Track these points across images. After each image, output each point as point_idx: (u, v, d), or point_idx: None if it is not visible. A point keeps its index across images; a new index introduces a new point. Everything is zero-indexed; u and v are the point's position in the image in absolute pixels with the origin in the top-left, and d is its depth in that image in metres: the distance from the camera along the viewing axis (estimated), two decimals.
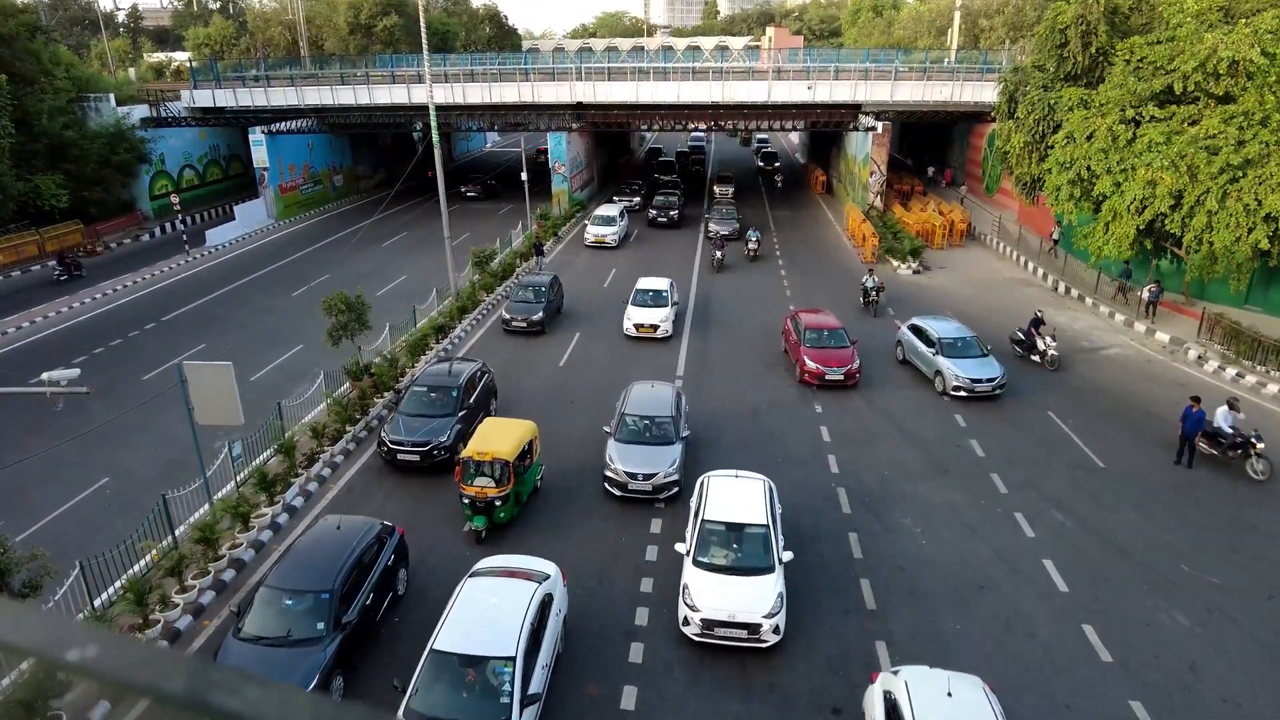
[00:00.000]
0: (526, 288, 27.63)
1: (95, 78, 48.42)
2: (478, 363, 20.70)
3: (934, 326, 22.97)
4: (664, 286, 27.47)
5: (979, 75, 41.37)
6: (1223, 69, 22.76)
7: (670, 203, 44.21)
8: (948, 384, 21.32)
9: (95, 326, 28.02)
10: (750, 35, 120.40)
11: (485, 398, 20.02)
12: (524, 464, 15.47)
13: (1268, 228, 21.65)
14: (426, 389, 18.96)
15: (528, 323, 26.41)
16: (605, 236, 38.98)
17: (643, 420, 17.35)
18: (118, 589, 12.80)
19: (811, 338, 22.61)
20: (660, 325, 26.00)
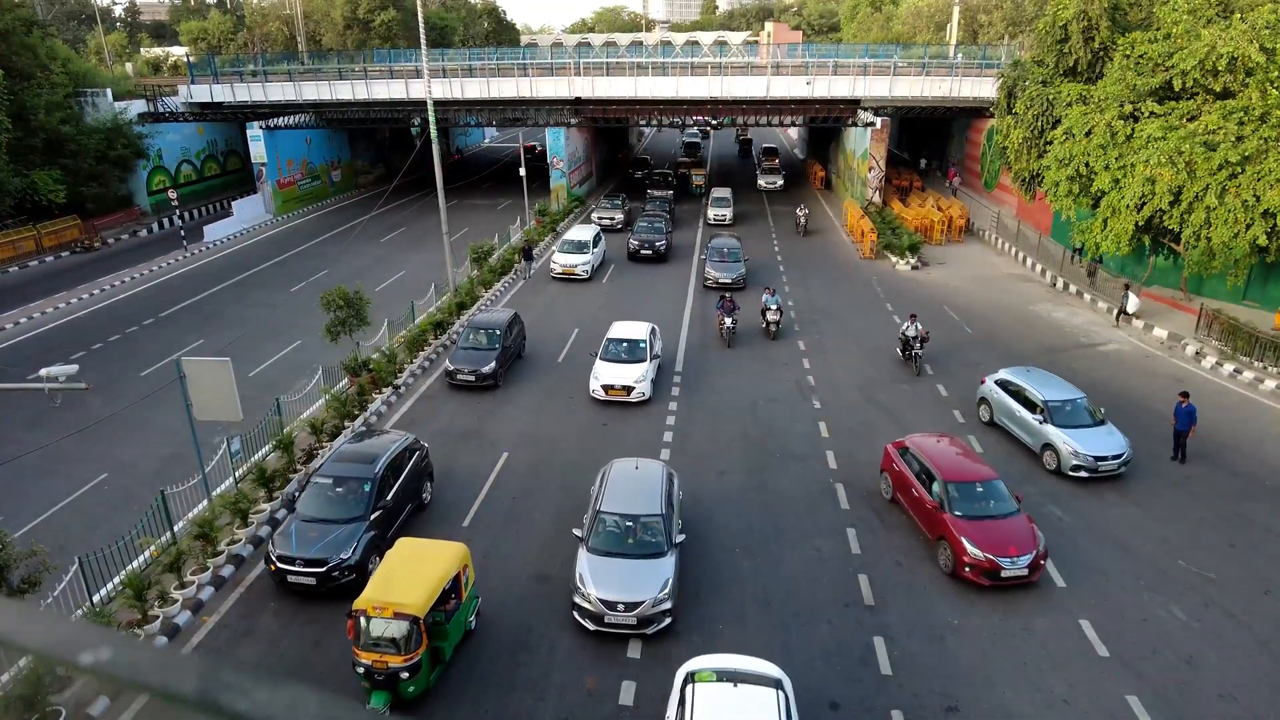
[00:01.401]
0: (478, 330, 22.60)
1: (92, 72, 48.27)
2: (406, 437, 16.05)
3: (1034, 385, 18.52)
4: (642, 335, 22.04)
5: (978, 70, 41.32)
6: (1222, 65, 22.76)
7: (656, 230, 36.24)
8: (1064, 461, 17.04)
9: (93, 322, 27.99)
10: (749, 30, 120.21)
11: (415, 484, 15.72)
12: (446, 609, 11.47)
13: (1266, 223, 21.68)
14: (331, 481, 14.49)
15: (477, 376, 21.49)
16: (575, 267, 32.29)
17: (625, 522, 13.36)
18: (117, 585, 12.82)
19: (961, 501, 14.31)
20: (635, 386, 20.59)
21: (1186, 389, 18.60)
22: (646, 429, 19.77)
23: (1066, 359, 24.20)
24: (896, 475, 15.99)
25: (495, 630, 12.75)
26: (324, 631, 12.68)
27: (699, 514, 15.82)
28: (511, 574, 14.20)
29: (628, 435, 19.39)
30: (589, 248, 33.18)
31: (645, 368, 21.21)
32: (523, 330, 24.37)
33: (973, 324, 27.25)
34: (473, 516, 16.04)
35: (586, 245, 33.24)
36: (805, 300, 30.00)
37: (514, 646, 12.43)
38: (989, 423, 19.60)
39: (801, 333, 26.56)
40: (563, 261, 32.64)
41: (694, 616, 13.02)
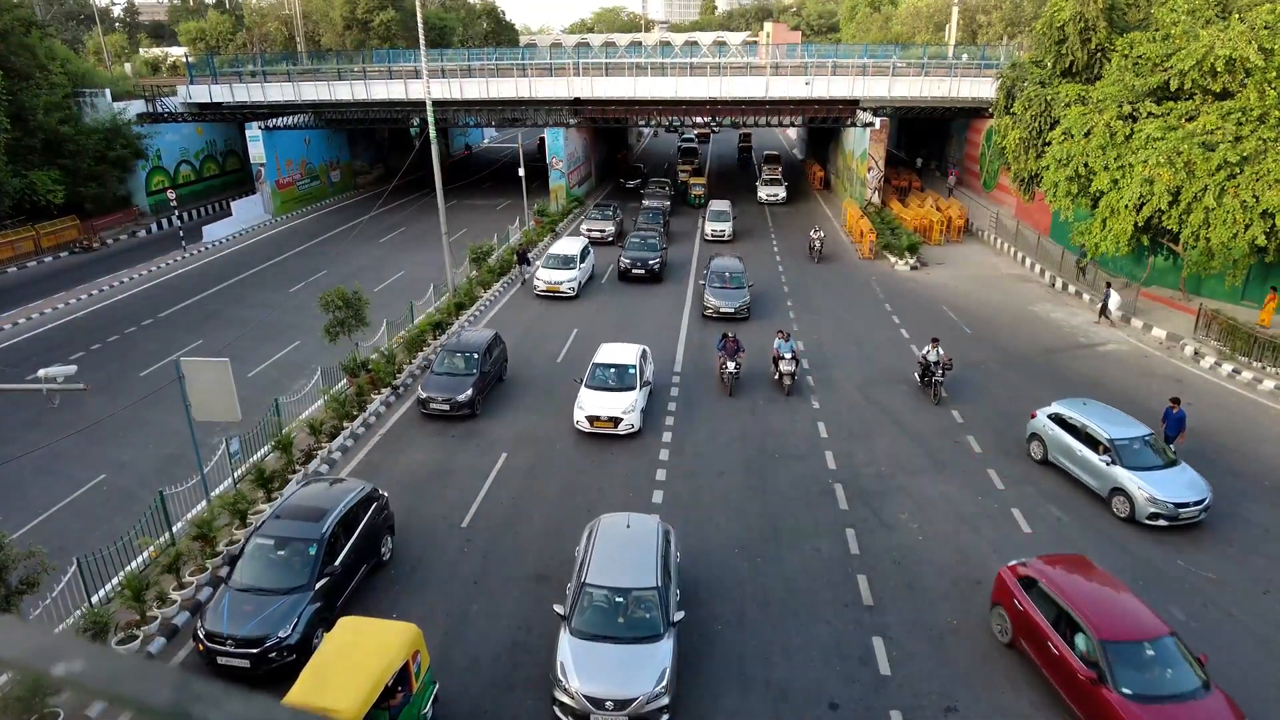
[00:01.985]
0: (455, 353, 20.69)
1: (91, 73, 48.26)
2: (361, 487, 14.07)
3: (1095, 421, 16.59)
4: (631, 360, 20.02)
5: (977, 71, 41.35)
6: (1220, 66, 22.76)
7: (650, 245, 33.05)
8: (1139, 509, 15.23)
9: (92, 322, 27.98)
10: (748, 31, 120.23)
11: (371, 541, 13.73)
12: (391, 705, 9.79)
13: (1264, 224, 21.69)
14: (271, 543, 12.51)
15: (452, 405, 19.53)
16: (560, 284, 29.75)
17: (614, 597, 11.50)
18: (115, 585, 12.81)
19: (1128, 671, 10.26)
20: (624, 418, 18.75)
21: (1178, 395, 18.43)
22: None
23: (1066, 359, 24.21)
24: (1019, 617, 11.89)
25: None
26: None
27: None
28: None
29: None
30: (575, 263, 30.49)
31: (634, 396, 19.24)
32: (504, 352, 22.46)
33: (972, 324, 27.25)
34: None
35: (573, 260, 30.52)
36: (804, 307, 29.98)
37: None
38: (1042, 461, 17.58)
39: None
40: (547, 278, 29.94)
41: (694, 616, 13.01)
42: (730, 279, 28.07)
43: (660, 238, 34.47)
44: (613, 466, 18.01)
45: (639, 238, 33.87)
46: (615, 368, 19.90)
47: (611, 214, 40.38)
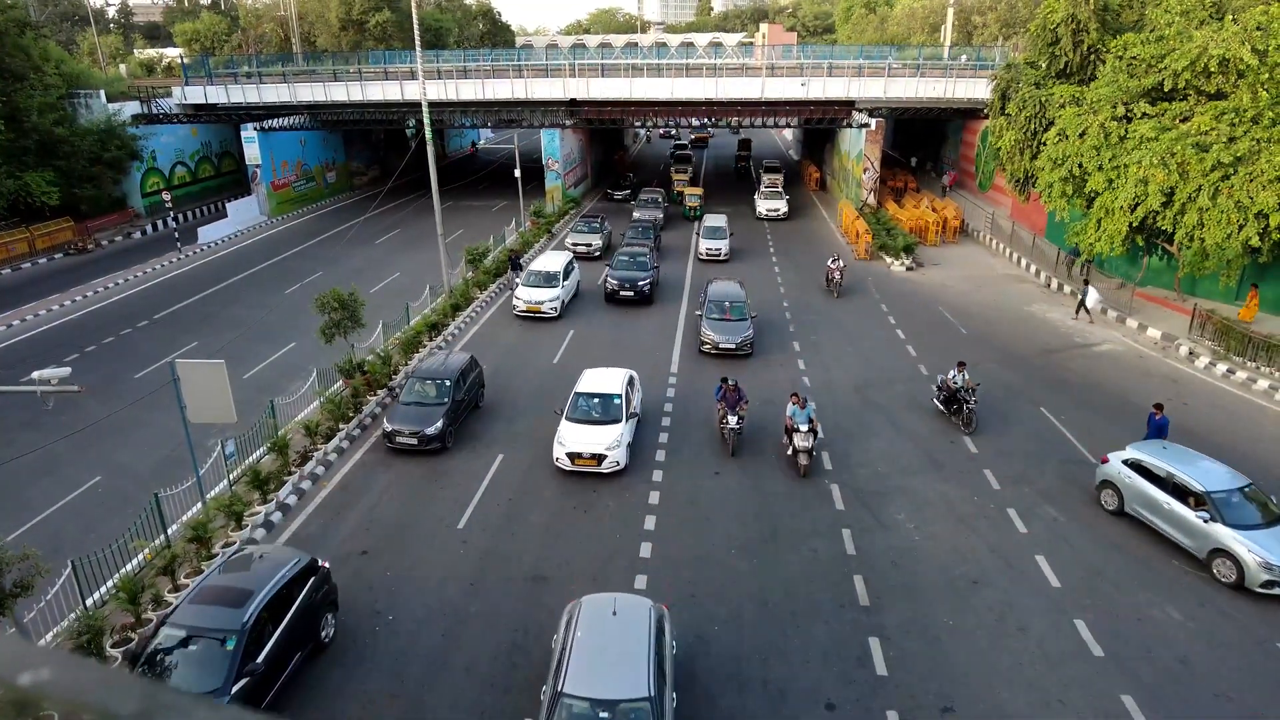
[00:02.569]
0: (425, 380, 18.93)
1: (85, 74, 48.12)
2: (296, 559, 11.87)
3: (1183, 469, 14.68)
4: (617, 389, 18.26)
5: (972, 72, 41.42)
6: (1214, 66, 22.81)
7: (639, 263, 30.11)
8: (1250, 576, 13.30)
9: (87, 324, 27.89)
10: (744, 31, 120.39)
11: (308, 621, 11.67)
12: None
13: (1258, 224, 21.74)
14: (182, 635, 10.47)
15: (420, 439, 17.80)
16: (541, 304, 27.37)
17: (599, 711, 9.42)
18: (110, 588, 12.76)
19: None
20: (608, 455, 16.92)
21: (1172, 395, 18.31)
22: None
23: (1062, 359, 24.25)
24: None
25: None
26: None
27: None
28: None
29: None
30: (558, 280, 28.14)
31: (620, 430, 17.41)
32: (481, 376, 20.82)
33: (968, 325, 27.28)
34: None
35: (555, 278, 28.15)
36: (801, 316, 29.95)
37: None
38: (1116, 512, 15.76)
39: None
40: (527, 297, 27.56)
41: (689, 616, 12.98)
42: (731, 308, 24.62)
43: (651, 255, 31.55)
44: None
45: (627, 255, 30.89)
46: (599, 398, 18.07)
47: (598, 226, 37.84)
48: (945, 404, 20.01)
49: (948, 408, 19.94)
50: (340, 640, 12.49)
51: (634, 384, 19.41)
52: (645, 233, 35.91)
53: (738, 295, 25.47)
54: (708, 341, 24.02)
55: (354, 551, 14.77)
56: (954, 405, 19.70)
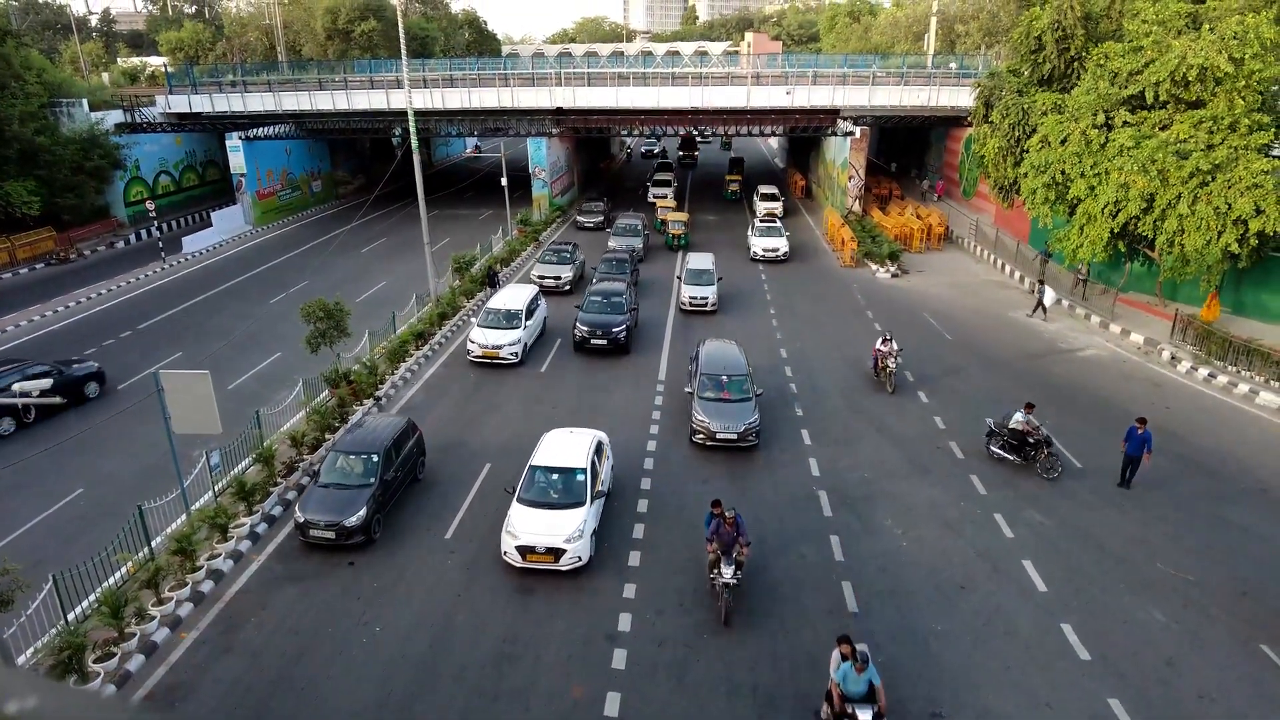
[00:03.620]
0: (349, 455, 15.71)
1: (68, 82, 47.79)
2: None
3: None
4: (580, 460, 15.21)
5: (955, 80, 41.86)
6: (1192, 75, 23.15)
7: (614, 304, 25.84)
8: None
9: (69, 335, 27.60)
10: (729, 40, 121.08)
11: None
12: None
13: (1237, 230, 22.07)
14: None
15: (339, 531, 14.51)
16: (500, 349, 23.81)
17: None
18: (92, 602, 12.60)
19: None
20: (567, 549, 13.85)
21: (1155, 404, 17.89)
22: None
23: (1046, 364, 24.45)
24: None
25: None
26: (305, 644, 12.52)
27: None
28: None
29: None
30: (520, 320, 24.53)
31: (583, 516, 14.24)
32: (420, 444, 17.43)
33: (952, 330, 27.46)
34: None
35: (517, 318, 24.56)
36: (794, 336, 29.94)
37: None
38: None
39: None
40: (483, 340, 23.90)
41: (680, 623, 12.95)
42: (730, 383, 19.29)
43: (628, 293, 26.82)
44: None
45: (600, 295, 26.23)
46: (560, 473, 15.00)
47: (569, 255, 33.46)
48: (1011, 450, 17.86)
49: (1017, 454, 17.81)
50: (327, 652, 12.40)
51: (603, 450, 16.37)
52: (621, 266, 31.12)
53: (738, 364, 20.02)
54: (701, 430, 18.42)
55: (339, 564, 14.67)
56: (1025, 451, 17.70)
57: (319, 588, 13.96)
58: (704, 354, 20.77)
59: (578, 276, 33.18)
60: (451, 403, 21.90)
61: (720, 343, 21.70)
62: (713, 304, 29.22)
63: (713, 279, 29.79)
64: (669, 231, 39.51)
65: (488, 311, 25.08)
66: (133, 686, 11.71)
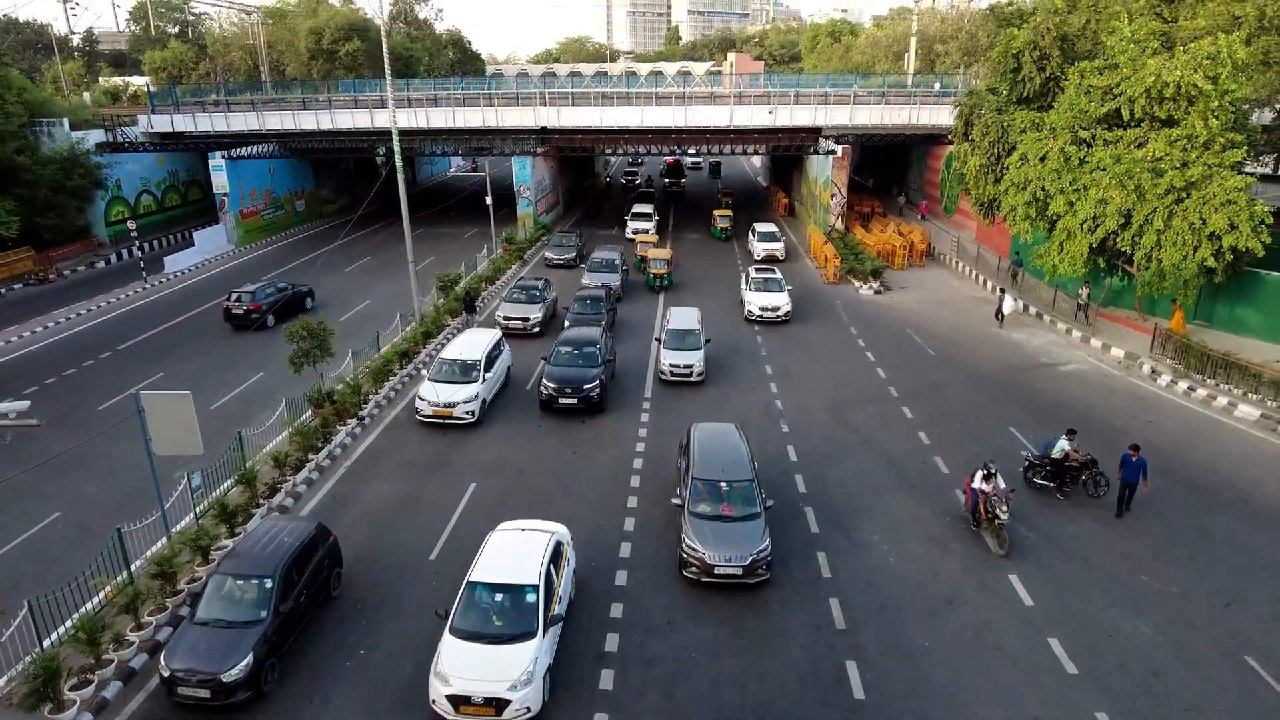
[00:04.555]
0: (235, 579, 12.45)
1: (49, 102, 47.50)
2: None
3: None
4: (532, 575, 12.39)
5: (935, 99, 42.48)
6: (1168, 93, 23.59)
7: (586, 355, 22.54)
8: None
9: (48, 355, 27.26)
10: (712, 61, 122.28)
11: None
12: None
13: (1212, 246, 22.44)
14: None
15: (213, 688, 11.20)
16: (454, 406, 20.61)
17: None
18: (69, 628, 12.35)
19: None
20: (511, 699, 10.97)
21: (1138, 442, 16.84)
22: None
23: (1029, 378, 24.65)
24: None
25: None
26: (285, 668, 12.31)
27: None
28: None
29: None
30: (478, 372, 21.35)
31: (532, 653, 11.39)
32: (334, 552, 14.18)
33: (936, 346, 27.65)
34: None
35: (474, 370, 21.38)
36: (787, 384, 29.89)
37: None
38: None
39: None
40: (433, 398, 20.68)
41: (670, 642, 12.86)
42: (732, 492, 15.07)
43: (603, 342, 23.46)
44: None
45: (569, 345, 22.91)
46: (506, 592, 12.16)
47: (538, 294, 29.75)
48: (1052, 478, 17.47)
49: (1059, 481, 17.44)
50: None
51: (562, 555, 13.42)
52: (595, 306, 28.16)
53: (740, 463, 15.76)
54: (694, 562, 14.17)
55: None
56: (1068, 478, 17.37)
57: None
58: (696, 446, 16.36)
59: (548, 317, 29.68)
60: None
61: (716, 430, 17.21)
62: (699, 373, 23.93)
63: (698, 341, 24.46)
64: (650, 270, 35.08)
65: (441, 363, 21.83)
66: (110, 715, 11.47)
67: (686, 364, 23.91)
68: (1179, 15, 30.15)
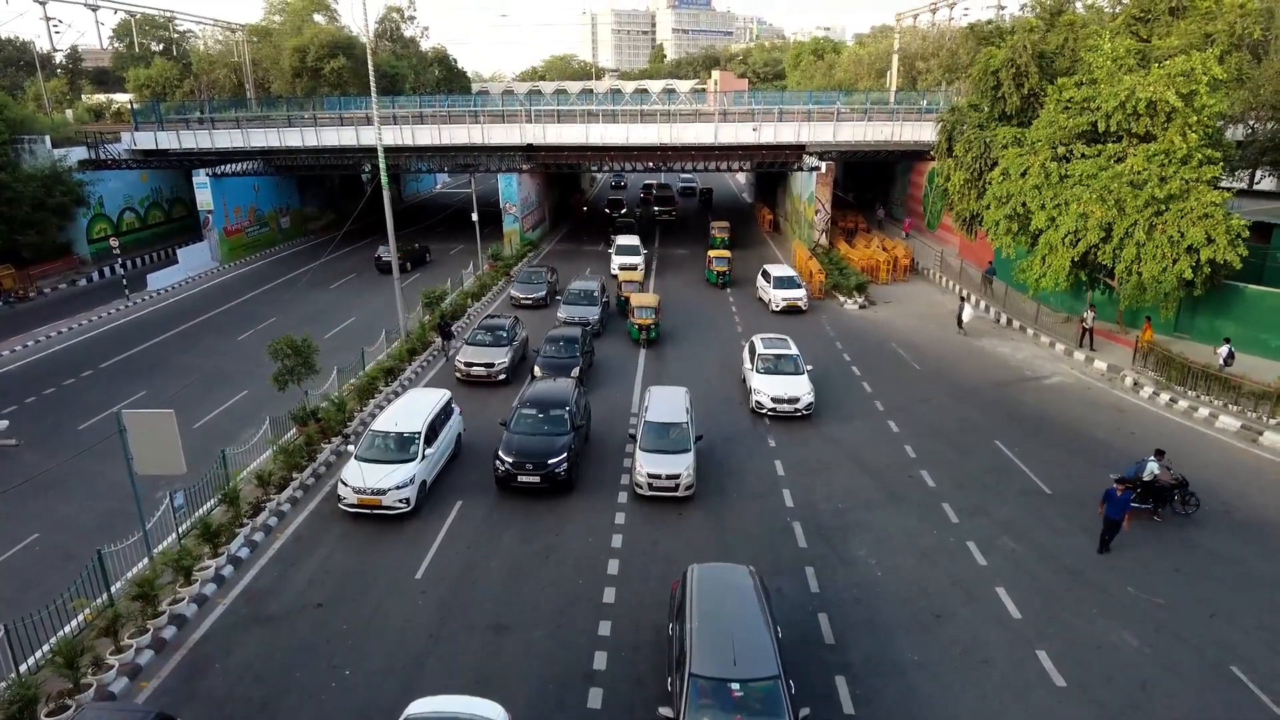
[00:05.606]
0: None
1: (30, 119, 47.22)
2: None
3: None
4: None
5: (918, 115, 42.98)
6: (1142, 109, 23.99)
7: (554, 421, 18.75)
8: None
9: (28, 374, 26.93)
10: (697, 78, 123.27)
11: None
12: None
13: (1190, 259, 22.76)
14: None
15: None
16: (383, 494, 16.55)
17: None
18: (46, 652, 12.12)
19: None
20: None
21: (1122, 476, 16.23)
22: None
23: (1014, 392, 24.83)
24: None
25: None
26: (271, 694, 12.14)
27: None
28: None
29: None
30: (416, 446, 17.45)
31: None
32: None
33: (921, 360, 27.81)
34: None
35: (412, 444, 17.49)
36: None
37: None
38: None
39: None
40: (358, 482, 16.62)
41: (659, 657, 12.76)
42: (754, 697, 10.38)
43: (573, 399, 19.64)
44: None
45: (533, 409, 19.11)
46: None
47: (505, 335, 26.07)
48: (1144, 500, 17.03)
49: (1153, 503, 17.14)
50: None
51: None
52: (570, 349, 24.73)
53: (757, 641, 11.19)
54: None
55: (310, 604, 14.31)
56: (1160, 499, 17.13)
57: (287, 630, 13.58)
58: (695, 612, 11.59)
59: (517, 361, 26.21)
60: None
61: (722, 578, 12.67)
62: (687, 486, 17.43)
63: (686, 438, 18.02)
64: (634, 321, 29.14)
65: (372, 436, 17.83)
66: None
67: (671, 473, 17.31)
68: (1154, 34, 30.74)
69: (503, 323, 27.14)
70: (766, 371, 23.19)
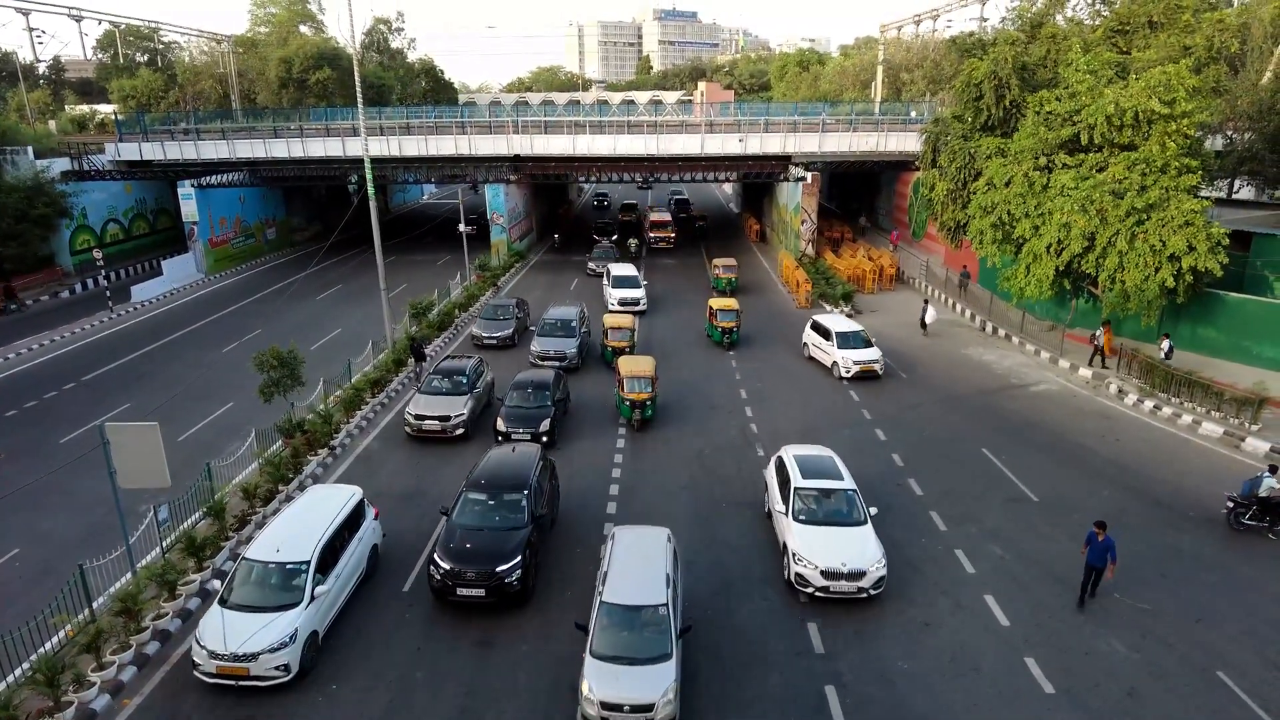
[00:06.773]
0: None
1: (12, 130, 46.93)
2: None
3: None
4: None
5: (902, 126, 43.35)
6: (1128, 120, 24.31)
7: (511, 509, 14.92)
8: None
9: (9, 387, 26.62)
10: (683, 89, 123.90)
11: None
12: None
13: (1172, 267, 23.04)
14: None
15: None
16: (255, 656, 11.79)
17: None
18: (26, 670, 11.93)
19: None
20: None
21: (1104, 519, 14.60)
22: None
23: (1000, 399, 24.97)
24: None
25: None
26: (254, 711, 11.99)
27: None
28: None
29: None
30: (304, 583, 12.79)
31: None
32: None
33: (908, 369, 27.94)
34: None
35: (298, 578, 12.87)
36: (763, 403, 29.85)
37: None
38: None
39: None
40: (216, 642, 11.99)
41: None
42: None
43: (536, 477, 15.81)
44: None
45: (481, 497, 15.28)
46: None
47: (465, 382, 22.25)
48: (1261, 518, 16.67)
49: (1271, 521, 16.64)
50: None
51: None
52: (540, 397, 21.44)
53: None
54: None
55: None
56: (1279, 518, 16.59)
57: None
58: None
59: (479, 411, 22.53)
60: None
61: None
62: (666, 706, 11.10)
63: (665, 637, 11.82)
64: (624, 396, 22.24)
65: (248, 568, 13.09)
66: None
67: (639, 703, 11.02)
68: (1133, 46, 31.18)
69: (462, 365, 23.08)
70: (809, 520, 15.33)
